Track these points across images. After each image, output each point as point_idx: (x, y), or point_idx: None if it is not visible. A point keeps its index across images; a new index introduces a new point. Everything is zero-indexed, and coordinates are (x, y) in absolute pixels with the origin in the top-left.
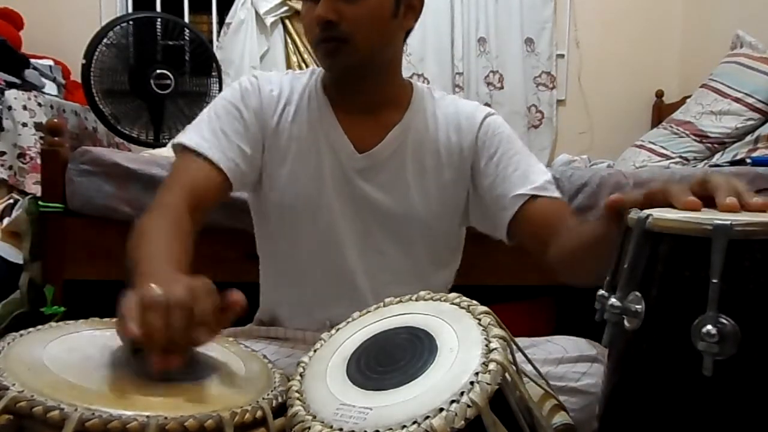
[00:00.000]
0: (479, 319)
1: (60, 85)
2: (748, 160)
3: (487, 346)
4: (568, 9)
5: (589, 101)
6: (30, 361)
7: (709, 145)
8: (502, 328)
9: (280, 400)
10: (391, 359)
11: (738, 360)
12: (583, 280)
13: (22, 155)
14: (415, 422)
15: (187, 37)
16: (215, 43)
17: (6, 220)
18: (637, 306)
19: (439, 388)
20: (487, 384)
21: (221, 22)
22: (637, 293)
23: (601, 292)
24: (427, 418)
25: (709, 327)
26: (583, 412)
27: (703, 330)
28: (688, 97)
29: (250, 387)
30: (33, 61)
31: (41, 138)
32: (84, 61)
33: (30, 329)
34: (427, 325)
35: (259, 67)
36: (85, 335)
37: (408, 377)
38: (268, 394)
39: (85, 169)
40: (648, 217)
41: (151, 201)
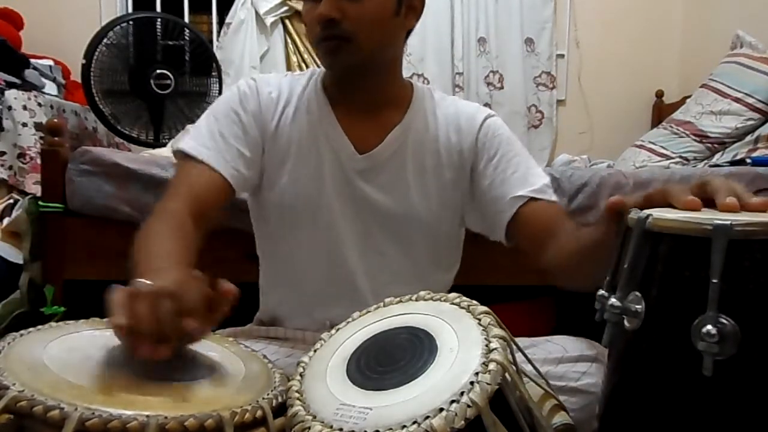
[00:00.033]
0: (479, 319)
1: (60, 85)
2: (748, 160)
3: (487, 346)
4: (568, 9)
5: (589, 101)
6: (30, 361)
7: (709, 145)
8: (502, 328)
9: (280, 400)
10: (391, 359)
11: (738, 360)
12: (580, 284)
13: (22, 155)
14: (415, 422)
15: (187, 37)
16: (215, 43)
17: (6, 220)
18: (637, 306)
19: (439, 388)
20: (487, 384)
21: (221, 22)
22: (637, 293)
23: (601, 292)
24: (427, 418)
25: (709, 327)
26: (583, 412)
27: (703, 330)
28: (688, 97)
29: (250, 387)
30: (33, 61)
31: (41, 138)
32: (84, 61)
33: (30, 329)
34: (427, 325)
35: (259, 67)
36: (86, 335)
37: (408, 377)
38: (268, 394)
39: (85, 169)
40: (648, 217)
41: (151, 201)
